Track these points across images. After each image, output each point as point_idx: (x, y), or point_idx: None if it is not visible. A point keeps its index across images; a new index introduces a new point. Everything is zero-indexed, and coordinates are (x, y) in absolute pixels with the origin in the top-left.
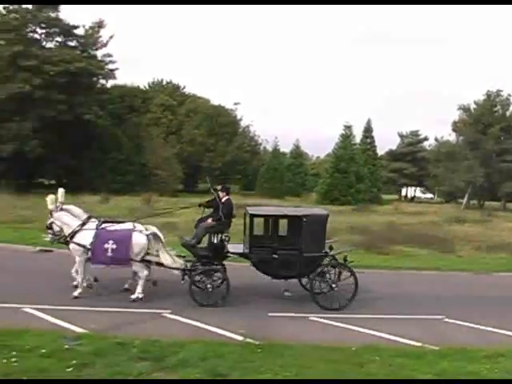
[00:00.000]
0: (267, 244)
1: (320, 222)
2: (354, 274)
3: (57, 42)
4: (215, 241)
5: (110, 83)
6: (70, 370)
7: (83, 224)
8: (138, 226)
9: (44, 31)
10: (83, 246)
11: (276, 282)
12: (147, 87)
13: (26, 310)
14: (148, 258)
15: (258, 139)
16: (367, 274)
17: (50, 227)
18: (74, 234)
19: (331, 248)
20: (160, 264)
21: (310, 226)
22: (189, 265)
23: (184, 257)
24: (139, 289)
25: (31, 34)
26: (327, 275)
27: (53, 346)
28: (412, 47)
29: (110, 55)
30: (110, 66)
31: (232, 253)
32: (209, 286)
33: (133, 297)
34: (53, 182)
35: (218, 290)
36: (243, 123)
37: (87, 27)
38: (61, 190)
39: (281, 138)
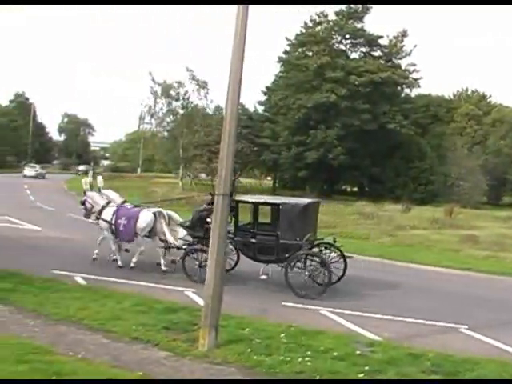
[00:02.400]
0: (248, 229)
1: (298, 210)
2: (345, 258)
3: (361, 52)
4: (202, 223)
5: (413, 92)
6: (361, 375)
7: (108, 203)
8: (168, 211)
9: (349, 42)
10: (107, 221)
11: None
12: (451, 96)
13: (324, 313)
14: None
15: None
16: None
17: (83, 203)
18: (101, 210)
19: (335, 240)
20: (164, 241)
21: (287, 213)
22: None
23: None
24: (134, 259)
25: (337, 46)
26: (307, 262)
27: (345, 350)
28: None
29: (413, 64)
30: (414, 75)
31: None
32: (197, 263)
33: (132, 265)
34: (355, 189)
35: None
36: None
37: (391, 37)
38: (99, 178)
39: None
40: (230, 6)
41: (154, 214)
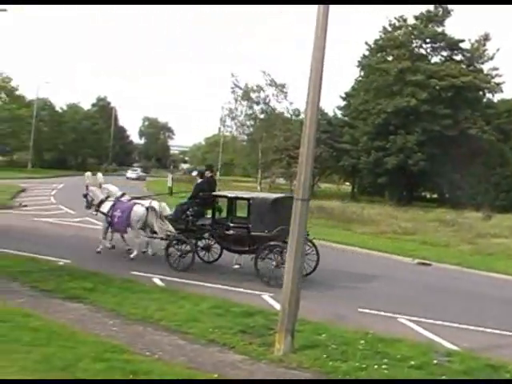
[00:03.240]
0: (223, 221)
1: (267, 204)
2: (317, 249)
3: (442, 56)
4: (183, 216)
5: (496, 97)
6: None
7: (107, 197)
8: (154, 203)
9: (429, 46)
10: (104, 213)
11: None
12: None
13: (401, 321)
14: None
15: None
16: None
17: (85, 196)
18: (100, 203)
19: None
20: (154, 232)
21: (256, 207)
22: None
23: None
24: (135, 252)
25: (417, 50)
26: (275, 255)
27: (423, 359)
28: None
29: (496, 68)
30: (497, 80)
31: (199, 225)
32: (179, 253)
33: (131, 256)
34: (434, 195)
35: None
36: None
37: (473, 41)
38: (99, 174)
39: None
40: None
41: (147, 208)
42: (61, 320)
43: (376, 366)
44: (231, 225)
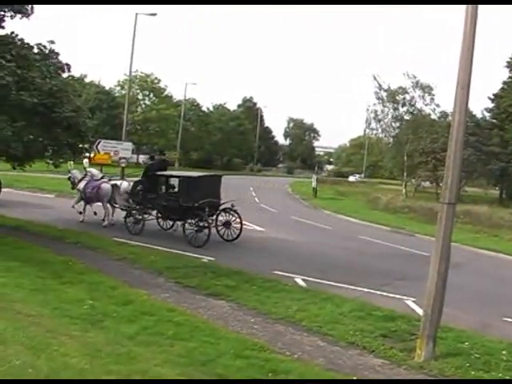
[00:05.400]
0: (162, 195)
1: (193, 181)
2: (240, 218)
3: None
4: (135, 191)
5: None
6: None
7: (84, 177)
8: (124, 182)
9: None
10: (79, 190)
11: None
12: None
13: None
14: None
15: None
16: None
17: (69, 179)
18: (78, 182)
19: (233, 205)
20: (115, 203)
21: (184, 183)
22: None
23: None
24: (107, 219)
25: None
26: (198, 222)
27: None
28: None
29: None
30: None
31: (148, 199)
32: (133, 219)
33: (103, 224)
34: None
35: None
36: None
37: None
38: (85, 161)
39: None
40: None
41: (112, 185)
42: (203, 316)
43: None
44: (167, 198)
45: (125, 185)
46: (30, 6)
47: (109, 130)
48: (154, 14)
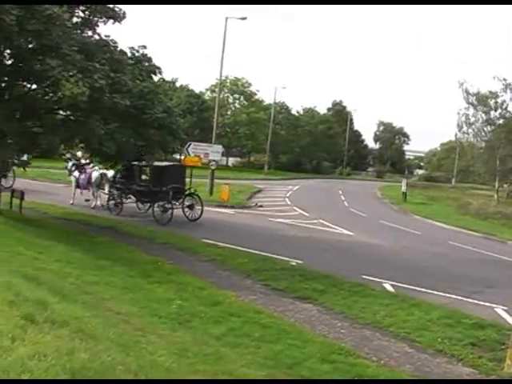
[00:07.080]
0: (137, 181)
1: (160, 169)
2: (201, 202)
3: None
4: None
5: None
6: None
7: (77, 167)
8: (110, 171)
9: None
10: (74, 177)
11: None
12: None
13: None
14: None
15: None
16: None
17: (66, 168)
18: (73, 171)
19: (195, 190)
20: (103, 189)
21: (153, 172)
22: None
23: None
24: (99, 201)
25: None
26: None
27: None
28: None
29: None
30: None
31: (126, 185)
32: (114, 202)
33: (92, 205)
34: None
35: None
36: None
37: None
38: (78, 153)
39: None
40: None
41: (101, 174)
42: (290, 319)
43: None
44: (140, 184)
45: (111, 173)
46: (122, 11)
47: (199, 132)
48: (245, 18)
